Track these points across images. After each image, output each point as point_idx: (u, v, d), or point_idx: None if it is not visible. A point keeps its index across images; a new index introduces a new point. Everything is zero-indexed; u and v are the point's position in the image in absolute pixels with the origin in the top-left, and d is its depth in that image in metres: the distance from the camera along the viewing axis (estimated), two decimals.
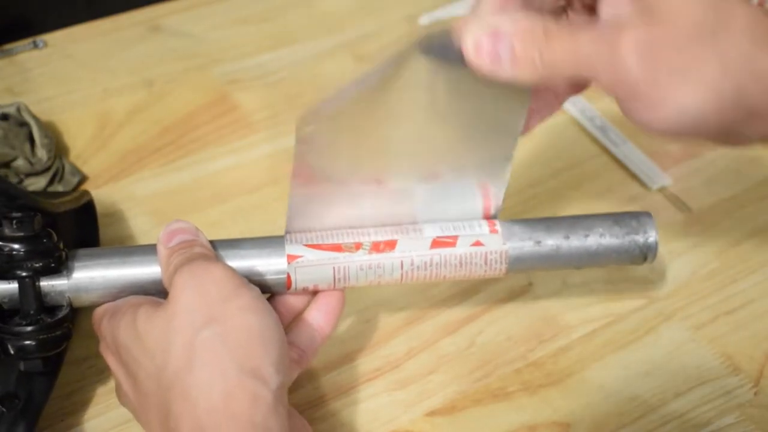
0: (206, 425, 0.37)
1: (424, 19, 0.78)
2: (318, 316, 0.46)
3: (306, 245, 0.45)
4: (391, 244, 0.45)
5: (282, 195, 0.63)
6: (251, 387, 0.37)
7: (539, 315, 0.56)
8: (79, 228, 0.54)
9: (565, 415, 0.51)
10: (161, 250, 0.44)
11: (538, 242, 0.46)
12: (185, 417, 0.37)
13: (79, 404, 0.51)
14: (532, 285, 0.57)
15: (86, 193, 0.55)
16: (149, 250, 0.45)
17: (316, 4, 0.81)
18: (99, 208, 0.56)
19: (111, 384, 0.52)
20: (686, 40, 0.35)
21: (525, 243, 0.46)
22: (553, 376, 0.52)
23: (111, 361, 0.44)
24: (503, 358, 0.53)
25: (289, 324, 0.46)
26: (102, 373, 0.52)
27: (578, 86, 0.43)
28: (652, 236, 0.47)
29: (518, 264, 0.46)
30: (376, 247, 0.45)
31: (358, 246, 0.45)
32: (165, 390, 0.38)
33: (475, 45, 0.37)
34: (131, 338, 0.40)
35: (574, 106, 0.68)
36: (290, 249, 0.44)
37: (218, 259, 0.44)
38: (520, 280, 0.57)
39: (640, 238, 0.47)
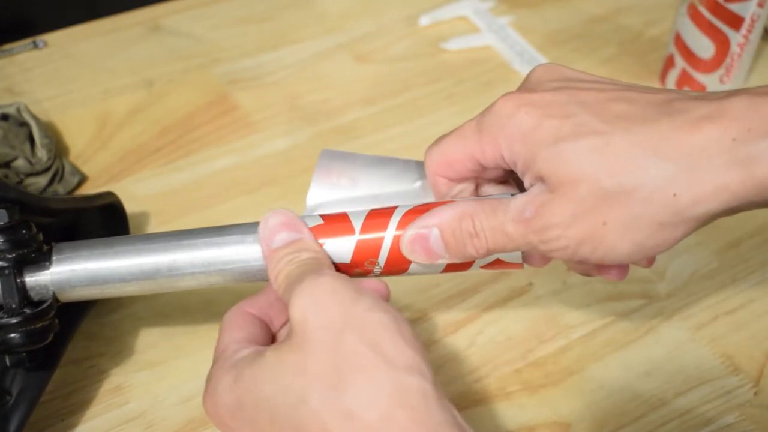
0: None
1: (424, 19, 0.78)
2: None
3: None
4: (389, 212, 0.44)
5: (282, 195, 0.63)
6: (416, 385, 0.34)
7: (539, 315, 0.56)
8: (106, 230, 0.54)
9: (565, 415, 0.51)
10: (264, 248, 0.41)
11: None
12: None
13: (79, 404, 0.51)
14: (532, 285, 0.57)
15: (109, 194, 0.55)
16: (131, 240, 0.44)
17: (316, 4, 0.81)
18: None
19: (110, 384, 0.52)
20: (597, 196, 0.36)
21: None
22: (553, 376, 0.52)
23: (226, 418, 0.38)
24: (503, 358, 0.53)
25: None
26: (102, 373, 0.52)
27: None
28: None
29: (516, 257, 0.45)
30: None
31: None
32: (317, 417, 0.34)
33: (410, 246, 0.41)
34: (263, 380, 0.36)
35: None
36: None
37: (325, 261, 0.41)
38: (520, 280, 0.57)
39: None
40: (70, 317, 0.49)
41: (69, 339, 0.49)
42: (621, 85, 0.39)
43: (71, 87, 0.71)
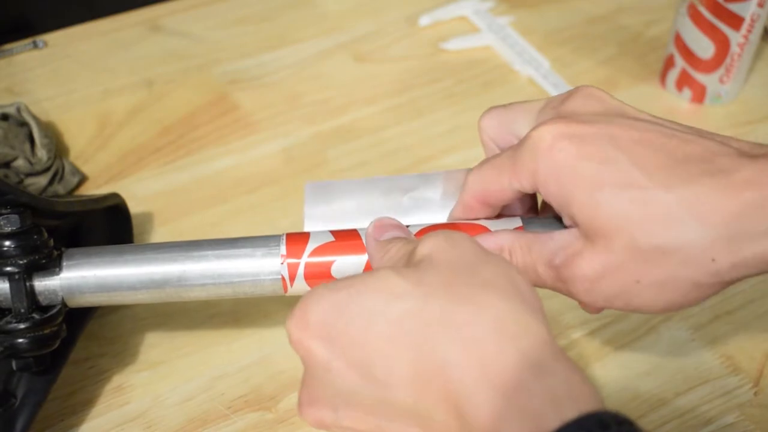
0: (501, 370, 0.30)
1: (424, 19, 0.78)
2: None
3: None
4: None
5: (282, 195, 0.63)
6: (537, 328, 0.31)
7: None
8: (110, 231, 0.55)
9: None
10: (370, 243, 0.40)
11: None
12: (463, 359, 0.30)
13: (79, 404, 0.51)
14: None
15: (114, 195, 0.55)
16: (142, 249, 0.44)
17: (316, 4, 0.81)
18: None
19: (111, 384, 0.52)
20: (631, 252, 0.36)
21: None
22: None
23: (314, 334, 0.33)
24: None
25: None
26: (102, 373, 0.52)
27: None
28: None
29: None
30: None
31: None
32: (425, 330, 0.31)
33: None
34: (374, 287, 0.33)
35: None
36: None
37: None
38: None
39: None
40: (75, 321, 0.49)
41: (74, 343, 0.49)
42: (663, 125, 0.38)
43: (71, 87, 0.71)
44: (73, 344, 0.49)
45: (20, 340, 0.43)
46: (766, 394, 0.51)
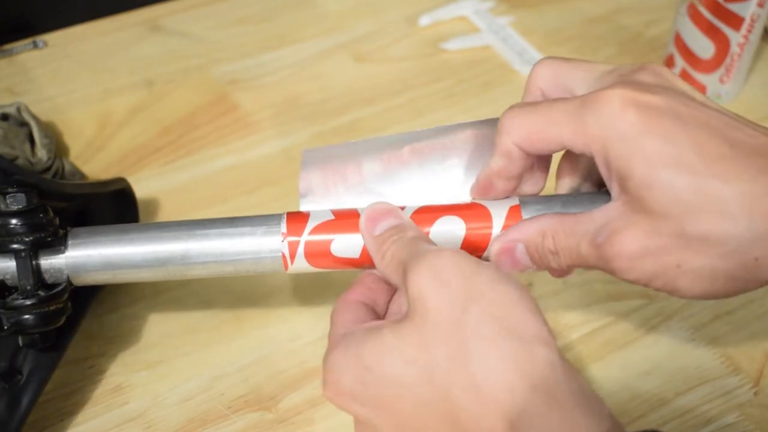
0: (511, 408, 0.32)
1: (424, 19, 0.78)
2: None
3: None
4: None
5: (282, 195, 0.63)
6: (543, 355, 0.33)
7: None
8: (117, 214, 0.55)
9: None
10: (367, 240, 0.41)
11: None
12: (477, 407, 0.33)
13: (79, 404, 0.51)
14: (532, 285, 0.57)
15: (121, 180, 0.55)
16: (146, 228, 0.45)
17: (316, 4, 0.81)
18: None
19: (111, 384, 0.52)
20: (676, 237, 0.35)
21: None
22: None
23: (350, 399, 0.37)
24: None
25: None
26: (102, 373, 0.52)
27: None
28: None
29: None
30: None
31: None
32: (441, 389, 0.34)
33: (498, 257, 0.41)
34: (382, 355, 0.35)
35: None
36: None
37: (430, 240, 0.41)
38: (521, 280, 0.57)
39: None
40: (81, 299, 0.50)
41: (80, 321, 0.50)
42: (728, 116, 0.37)
43: (71, 87, 0.71)
44: (79, 323, 0.50)
45: (26, 317, 0.43)
46: (766, 394, 0.51)
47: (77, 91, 0.71)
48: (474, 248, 0.43)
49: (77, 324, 0.50)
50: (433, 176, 0.44)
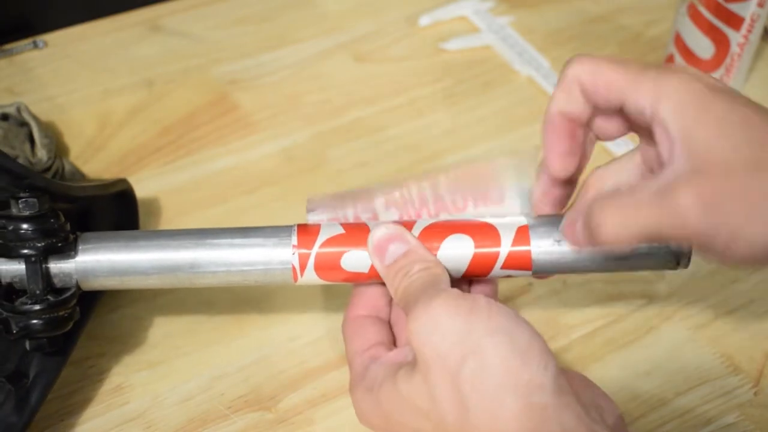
0: None
1: (424, 19, 0.78)
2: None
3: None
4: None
5: (282, 195, 0.63)
6: (536, 401, 0.35)
7: (539, 315, 0.56)
8: (118, 215, 0.55)
9: None
10: (378, 266, 0.42)
11: (559, 241, 0.43)
12: None
13: (79, 404, 0.51)
14: (532, 285, 0.57)
15: (122, 181, 0.56)
16: (156, 236, 0.45)
17: (316, 4, 0.81)
18: None
19: (111, 384, 0.52)
20: (739, 183, 0.35)
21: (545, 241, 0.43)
22: None
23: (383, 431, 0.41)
24: None
25: None
26: (102, 373, 0.52)
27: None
28: None
29: (540, 266, 0.44)
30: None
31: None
32: None
33: (564, 231, 0.42)
34: (399, 405, 0.38)
35: None
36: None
37: (437, 270, 0.41)
38: (521, 280, 0.57)
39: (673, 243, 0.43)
40: (86, 303, 0.50)
41: (85, 324, 0.50)
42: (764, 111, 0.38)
43: (71, 87, 0.71)
44: (84, 326, 0.50)
45: (35, 321, 0.43)
46: (766, 394, 0.51)
47: (77, 91, 0.71)
48: (481, 267, 0.43)
49: (82, 327, 0.50)
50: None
